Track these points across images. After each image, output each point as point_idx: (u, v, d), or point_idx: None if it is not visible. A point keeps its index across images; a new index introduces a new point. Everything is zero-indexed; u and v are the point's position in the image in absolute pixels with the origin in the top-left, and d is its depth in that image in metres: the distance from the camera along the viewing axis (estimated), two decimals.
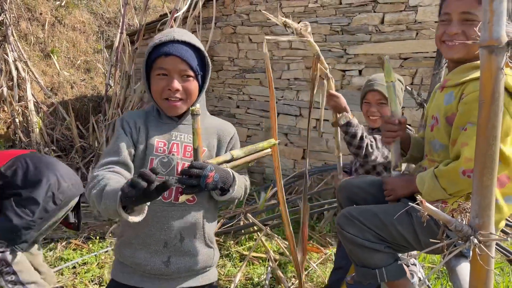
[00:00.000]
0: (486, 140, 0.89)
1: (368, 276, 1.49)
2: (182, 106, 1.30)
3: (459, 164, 1.23)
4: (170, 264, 1.27)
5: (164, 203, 1.27)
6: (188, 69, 1.26)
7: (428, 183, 1.30)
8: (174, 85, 1.25)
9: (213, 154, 1.35)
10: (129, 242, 1.29)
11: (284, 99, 4.73)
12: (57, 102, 5.44)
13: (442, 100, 1.39)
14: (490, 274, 0.98)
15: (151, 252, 1.27)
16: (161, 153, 1.28)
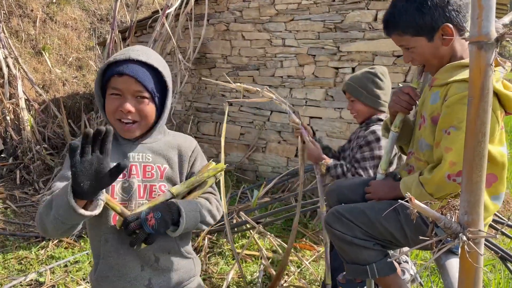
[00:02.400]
0: (475, 137, 0.89)
1: (358, 273, 1.49)
2: (135, 130, 1.23)
3: (444, 169, 1.24)
4: (153, 286, 1.24)
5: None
6: (144, 90, 1.19)
7: (414, 191, 1.32)
8: (126, 106, 1.18)
9: (176, 169, 1.30)
10: (105, 275, 1.23)
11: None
12: (49, 99, 5.38)
13: (429, 99, 1.39)
14: (479, 271, 0.98)
15: (130, 281, 1.23)
16: (121, 178, 1.22)
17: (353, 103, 2.12)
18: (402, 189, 1.38)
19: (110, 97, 1.21)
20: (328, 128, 4.42)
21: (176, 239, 1.29)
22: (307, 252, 3.35)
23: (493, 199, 1.32)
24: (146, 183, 1.25)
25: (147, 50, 1.26)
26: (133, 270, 1.23)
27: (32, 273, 2.72)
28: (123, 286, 1.22)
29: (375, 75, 2.09)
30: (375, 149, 1.99)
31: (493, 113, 1.24)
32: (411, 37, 1.36)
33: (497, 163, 1.27)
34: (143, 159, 1.27)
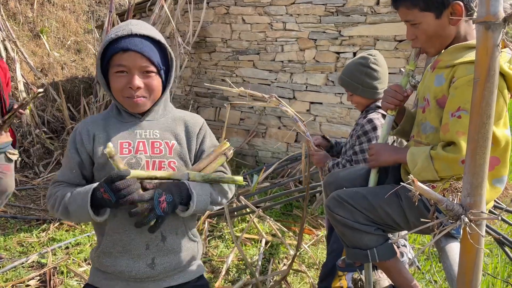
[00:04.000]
0: (479, 118, 0.89)
1: (359, 257, 1.50)
2: (146, 103, 1.22)
3: (461, 154, 1.21)
4: (155, 265, 1.22)
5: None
6: (150, 64, 1.17)
7: (421, 163, 1.29)
8: (135, 82, 1.16)
9: (184, 146, 1.27)
10: (108, 251, 1.22)
11: (278, 81, 4.69)
12: (48, 83, 5.34)
13: (432, 82, 1.37)
14: (480, 253, 0.99)
15: (133, 257, 1.21)
16: (127, 153, 1.20)
17: (352, 96, 2.11)
18: (408, 159, 1.34)
19: (115, 75, 1.18)
20: (329, 114, 4.41)
21: (184, 221, 1.27)
22: (306, 236, 3.38)
23: (495, 182, 1.32)
24: (154, 159, 1.22)
25: (144, 23, 1.24)
26: (137, 248, 1.20)
27: (34, 255, 2.74)
28: (125, 263, 1.20)
29: (368, 67, 2.03)
30: (372, 140, 1.97)
31: (501, 95, 1.23)
32: (419, 11, 1.32)
33: (501, 146, 1.27)
34: (150, 136, 1.24)
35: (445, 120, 1.28)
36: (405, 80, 1.50)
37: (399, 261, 1.59)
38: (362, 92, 2.05)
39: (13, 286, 2.41)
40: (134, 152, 1.21)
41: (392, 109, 1.50)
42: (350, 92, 2.10)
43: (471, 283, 1.00)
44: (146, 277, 1.22)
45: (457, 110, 1.23)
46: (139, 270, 1.20)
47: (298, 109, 4.60)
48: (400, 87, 1.47)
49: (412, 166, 1.33)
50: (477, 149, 0.91)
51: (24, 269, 2.60)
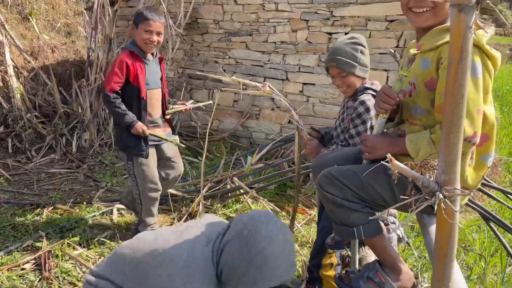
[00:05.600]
0: (453, 98, 0.91)
1: (346, 234, 1.54)
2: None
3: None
4: None
5: None
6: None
7: (425, 149, 1.30)
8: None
9: None
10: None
11: (271, 63, 4.67)
12: (38, 67, 5.28)
13: (418, 66, 1.38)
14: (455, 227, 1.03)
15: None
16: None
17: (345, 78, 2.04)
18: (409, 146, 1.35)
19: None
20: (321, 95, 4.41)
21: None
22: (299, 215, 3.44)
23: (483, 158, 1.36)
24: None
25: None
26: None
27: (29, 239, 2.78)
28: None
29: (361, 45, 2.03)
30: (367, 121, 1.97)
31: (486, 71, 1.26)
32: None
33: (489, 123, 1.31)
34: None
35: (439, 101, 1.29)
36: (398, 85, 1.50)
37: (385, 238, 1.64)
38: (359, 71, 2.02)
39: (8, 270, 2.45)
40: None
41: (384, 113, 1.49)
42: (345, 73, 2.02)
43: (446, 256, 1.04)
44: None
45: None
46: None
47: (291, 90, 4.60)
48: (392, 92, 1.43)
49: (414, 154, 1.33)
50: (451, 128, 0.93)
51: (19, 253, 2.64)
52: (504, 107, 8.54)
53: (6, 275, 2.38)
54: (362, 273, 1.56)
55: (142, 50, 2.60)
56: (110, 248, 2.76)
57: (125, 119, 2.53)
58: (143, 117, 2.60)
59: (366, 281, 1.53)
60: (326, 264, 2.07)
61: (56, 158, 4.42)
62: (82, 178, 4.01)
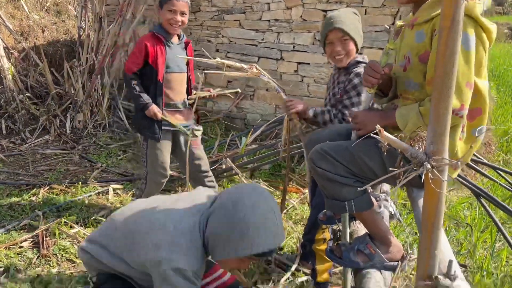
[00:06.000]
0: (444, 68, 0.91)
1: (337, 208, 1.56)
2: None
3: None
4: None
5: None
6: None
7: (413, 121, 1.31)
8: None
9: None
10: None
11: (265, 41, 4.63)
12: (29, 47, 5.20)
13: (413, 39, 1.38)
14: (442, 197, 1.04)
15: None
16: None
17: (346, 43, 1.99)
18: (398, 119, 1.36)
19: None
20: (316, 74, 4.40)
21: None
22: (294, 194, 3.48)
23: (475, 132, 1.37)
24: None
25: None
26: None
27: (26, 218, 2.80)
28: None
29: (358, 15, 2.06)
30: (362, 93, 1.97)
31: (481, 44, 1.25)
32: None
33: (482, 97, 1.31)
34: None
35: (430, 74, 1.29)
36: (385, 59, 1.50)
37: (375, 212, 1.66)
38: (359, 40, 2.03)
39: (7, 248, 2.47)
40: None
41: (370, 87, 1.49)
42: (348, 36, 1.97)
43: (433, 225, 1.06)
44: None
45: None
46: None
47: (286, 70, 4.58)
48: (378, 65, 1.43)
49: (403, 126, 1.34)
50: (440, 97, 0.94)
51: (16, 232, 2.66)
52: (500, 87, 8.55)
53: (4, 253, 2.41)
54: (352, 245, 1.59)
55: (167, 32, 2.55)
56: None
57: (139, 101, 2.51)
58: (158, 100, 2.56)
59: (356, 253, 1.56)
60: (319, 239, 2.11)
61: (51, 139, 4.40)
62: (77, 159, 4.01)
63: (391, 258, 1.54)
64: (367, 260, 1.54)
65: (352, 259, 1.55)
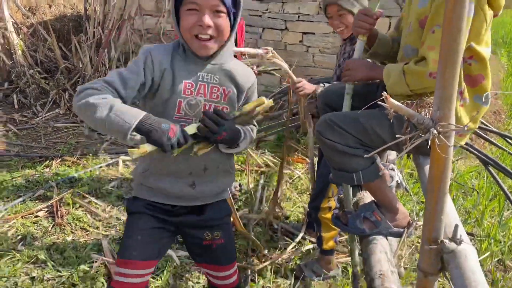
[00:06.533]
0: (450, 32, 0.90)
1: (345, 179, 1.55)
2: (213, 46, 1.25)
3: (427, 67, 1.24)
4: (196, 187, 1.35)
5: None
6: (221, 4, 1.19)
7: (394, 77, 1.32)
8: (205, 21, 1.19)
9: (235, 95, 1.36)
10: (155, 172, 1.34)
11: (269, 12, 4.55)
12: (37, 22, 5.19)
13: (417, 4, 1.36)
14: (448, 162, 1.05)
15: (176, 178, 1.34)
16: (189, 95, 1.28)
17: (342, 16, 2.03)
18: (384, 74, 1.38)
19: (186, 12, 1.21)
20: (322, 44, 4.33)
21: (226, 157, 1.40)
22: (299, 165, 3.51)
23: (478, 99, 1.36)
24: (210, 103, 1.31)
25: None
26: (181, 173, 1.34)
27: (40, 189, 2.88)
28: (169, 182, 1.34)
29: None
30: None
31: (480, 10, 1.23)
32: None
33: (485, 63, 1.30)
34: (211, 80, 1.31)
35: (423, 38, 1.29)
36: (374, 5, 1.50)
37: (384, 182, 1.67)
38: (356, 10, 2.00)
39: (23, 217, 2.56)
40: (196, 94, 1.29)
41: (363, 33, 1.49)
42: (344, 10, 2.01)
43: (439, 190, 1.08)
44: (186, 195, 1.36)
45: (434, 26, 1.24)
46: (180, 188, 1.34)
47: (291, 40, 4.51)
48: (370, 10, 1.46)
49: (386, 80, 1.37)
50: (447, 63, 0.94)
51: (32, 202, 2.74)
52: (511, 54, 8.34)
53: (21, 222, 2.50)
54: (358, 212, 1.60)
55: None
56: (117, 196, 2.87)
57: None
58: None
59: (362, 221, 1.57)
60: (324, 207, 2.13)
61: (61, 112, 4.46)
62: (87, 132, 4.07)
63: (397, 225, 1.56)
64: (373, 227, 1.56)
65: (358, 226, 1.57)
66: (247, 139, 1.39)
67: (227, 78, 1.34)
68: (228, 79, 1.34)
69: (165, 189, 1.35)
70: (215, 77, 1.31)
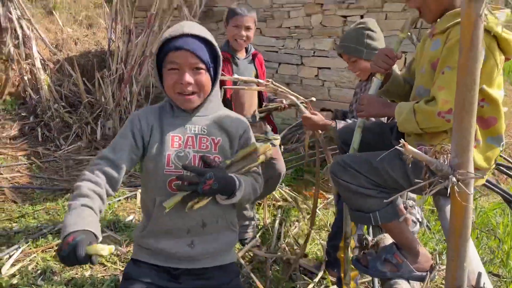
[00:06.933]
0: (465, 84, 0.93)
1: (362, 220, 1.55)
2: (196, 99, 1.32)
3: (436, 106, 1.28)
4: (195, 246, 1.33)
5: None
6: (199, 62, 1.27)
7: (405, 115, 1.36)
8: (185, 79, 1.26)
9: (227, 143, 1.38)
10: (152, 232, 1.34)
11: (285, 48, 4.67)
12: (63, 58, 5.44)
13: (429, 47, 1.41)
14: (468, 209, 1.05)
15: (174, 239, 1.33)
16: (177, 147, 1.31)
17: (355, 63, 2.12)
18: (396, 112, 1.42)
19: (168, 72, 1.29)
20: (337, 78, 4.40)
21: (224, 210, 1.38)
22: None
23: (491, 140, 1.37)
24: (200, 153, 1.33)
25: (196, 25, 1.34)
26: (179, 232, 1.33)
27: (61, 223, 2.93)
28: (167, 243, 1.33)
29: (368, 29, 2.08)
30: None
31: (492, 55, 1.26)
32: None
33: (496, 105, 1.32)
34: (199, 131, 1.35)
35: (435, 78, 1.34)
36: (397, 47, 1.54)
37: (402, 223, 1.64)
38: (367, 55, 2.07)
39: (43, 251, 2.60)
40: (184, 147, 1.32)
41: (382, 72, 1.54)
42: (354, 57, 2.11)
43: (460, 238, 1.07)
44: (186, 257, 1.34)
45: (444, 67, 1.28)
46: (179, 249, 1.33)
47: (306, 75, 4.59)
48: (391, 51, 1.51)
49: (398, 117, 1.41)
50: (463, 113, 0.96)
51: (52, 235, 2.78)
52: None
53: (41, 256, 2.54)
54: (379, 255, 1.58)
55: (233, 48, 2.48)
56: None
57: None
58: None
59: (383, 263, 1.55)
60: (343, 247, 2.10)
61: (83, 145, 4.58)
62: None
63: (419, 268, 1.52)
64: (394, 269, 1.53)
65: (379, 269, 1.54)
66: (245, 187, 1.33)
67: (215, 127, 1.37)
68: (217, 128, 1.37)
69: (163, 250, 1.33)
70: (202, 128, 1.35)
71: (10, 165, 3.98)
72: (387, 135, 1.66)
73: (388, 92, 1.64)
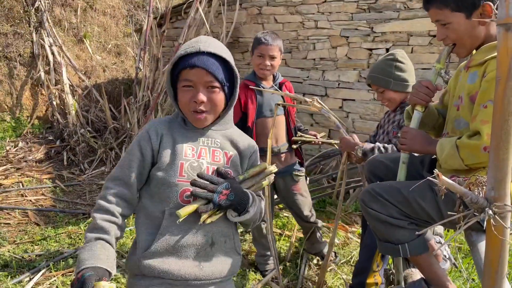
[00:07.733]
0: (502, 115, 0.92)
1: (390, 251, 1.52)
2: (207, 118, 1.30)
3: (482, 141, 1.25)
4: (203, 267, 1.26)
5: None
6: (214, 80, 1.25)
7: (448, 151, 1.33)
8: (199, 97, 1.24)
9: (238, 161, 1.37)
10: (157, 252, 1.23)
11: (310, 79, 4.73)
12: (91, 85, 5.65)
13: (466, 80, 1.40)
14: (505, 244, 1.02)
15: (181, 257, 1.25)
16: (191, 157, 1.28)
17: (383, 93, 2.15)
18: (438, 148, 1.39)
19: (182, 89, 1.27)
20: (362, 110, 4.40)
21: (233, 230, 1.35)
22: (339, 233, 3.42)
23: None
24: (214, 165, 1.30)
25: (213, 41, 1.31)
26: (187, 250, 1.26)
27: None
28: (174, 262, 1.24)
29: (396, 60, 2.11)
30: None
31: None
32: (450, 12, 1.36)
33: None
34: (212, 144, 1.33)
35: (475, 112, 1.32)
36: (435, 78, 1.54)
37: (431, 256, 1.60)
38: (394, 86, 2.09)
39: (63, 275, 2.60)
40: (197, 157, 1.30)
41: (423, 104, 1.53)
42: (382, 88, 2.14)
43: (497, 274, 1.03)
44: (193, 278, 1.25)
45: (486, 101, 1.27)
46: (187, 269, 1.24)
47: (331, 106, 4.61)
48: (431, 83, 1.51)
49: (440, 154, 1.38)
50: (500, 144, 0.94)
51: (73, 259, 2.80)
52: None
53: (61, 280, 2.54)
54: None
55: (258, 78, 2.50)
56: None
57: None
58: None
59: None
60: (370, 283, 2.04)
61: (106, 170, 4.66)
62: None
63: None
64: None
65: None
66: (257, 205, 1.31)
67: (227, 142, 1.36)
68: (229, 143, 1.36)
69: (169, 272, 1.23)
70: (215, 140, 1.34)
71: (35, 187, 4.07)
72: (416, 166, 1.64)
73: (423, 123, 1.63)
